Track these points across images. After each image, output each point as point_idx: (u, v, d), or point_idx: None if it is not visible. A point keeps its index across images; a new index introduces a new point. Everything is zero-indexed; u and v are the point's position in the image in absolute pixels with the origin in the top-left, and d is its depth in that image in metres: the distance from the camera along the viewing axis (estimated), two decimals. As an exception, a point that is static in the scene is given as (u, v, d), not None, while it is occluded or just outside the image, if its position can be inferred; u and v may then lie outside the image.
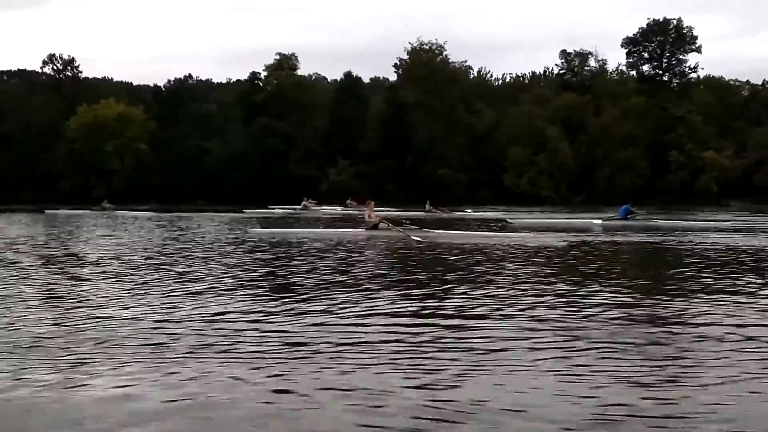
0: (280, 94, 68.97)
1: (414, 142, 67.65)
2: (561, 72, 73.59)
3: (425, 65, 68.87)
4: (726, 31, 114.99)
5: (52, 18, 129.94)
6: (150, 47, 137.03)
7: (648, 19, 70.73)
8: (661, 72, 71.15)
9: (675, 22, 69.41)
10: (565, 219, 27.13)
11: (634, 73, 72.27)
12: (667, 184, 62.67)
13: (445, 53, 70.09)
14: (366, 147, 68.99)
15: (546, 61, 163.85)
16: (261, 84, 72.62)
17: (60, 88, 75.53)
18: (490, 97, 78.91)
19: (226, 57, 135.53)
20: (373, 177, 67.02)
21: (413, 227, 16.05)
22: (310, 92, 72.87)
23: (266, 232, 17.60)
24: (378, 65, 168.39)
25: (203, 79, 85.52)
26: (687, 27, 69.22)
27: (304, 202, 39.32)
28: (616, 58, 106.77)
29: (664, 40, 69.93)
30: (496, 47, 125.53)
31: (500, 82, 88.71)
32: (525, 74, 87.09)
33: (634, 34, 70.82)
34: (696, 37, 69.35)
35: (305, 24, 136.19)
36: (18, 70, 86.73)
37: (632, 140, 64.95)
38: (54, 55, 76.80)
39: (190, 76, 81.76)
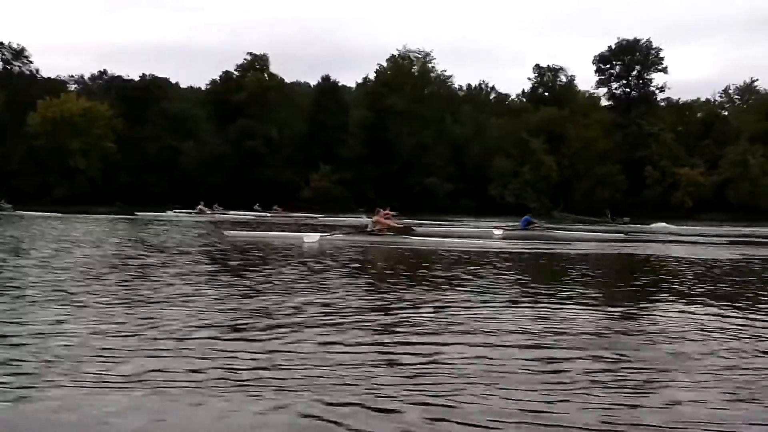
0: (259, 96, 66.23)
1: (398, 150, 66.62)
2: (534, 86, 74.87)
3: (410, 73, 68.23)
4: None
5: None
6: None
7: (618, 38, 73.26)
8: (629, 90, 73.78)
9: (644, 42, 72.25)
10: (464, 228, 27.42)
11: (604, 90, 74.51)
12: (643, 199, 64.72)
13: (433, 62, 69.72)
14: (347, 153, 67.42)
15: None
16: (235, 84, 69.36)
17: (10, 79, 69.32)
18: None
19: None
20: (354, 183, 65.68)
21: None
22: (291, 94, 70.54)
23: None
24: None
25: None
26: (655, 48, 72.26)
27: (199, 207, 39.63)
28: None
29: (632, 59, 72.58)
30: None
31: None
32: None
33: (603, 53, 73.18)
34: (662, 58, 72.55)
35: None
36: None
37: (609, 155, 66.80)
38: (2, 43, 70.76)
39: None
